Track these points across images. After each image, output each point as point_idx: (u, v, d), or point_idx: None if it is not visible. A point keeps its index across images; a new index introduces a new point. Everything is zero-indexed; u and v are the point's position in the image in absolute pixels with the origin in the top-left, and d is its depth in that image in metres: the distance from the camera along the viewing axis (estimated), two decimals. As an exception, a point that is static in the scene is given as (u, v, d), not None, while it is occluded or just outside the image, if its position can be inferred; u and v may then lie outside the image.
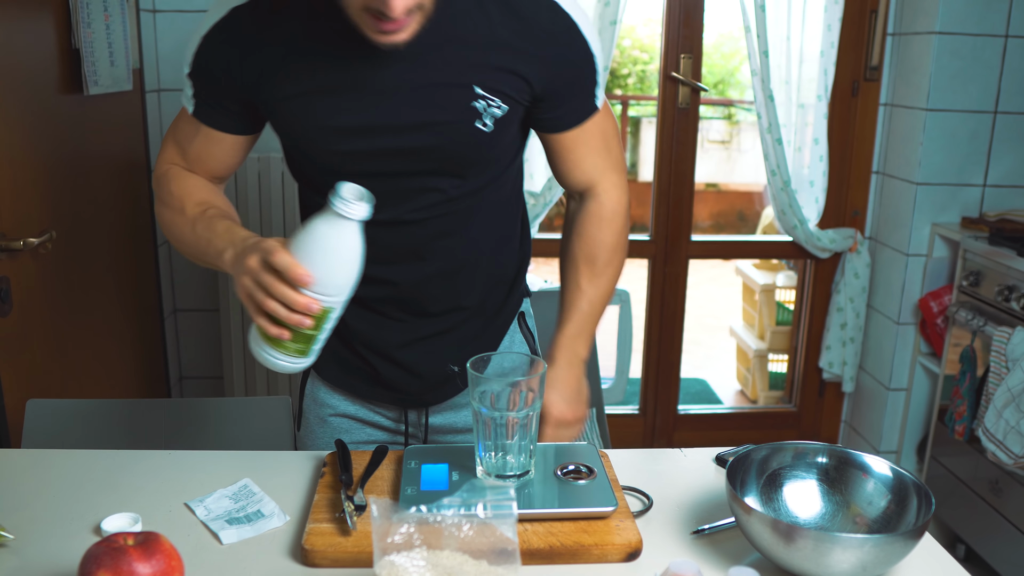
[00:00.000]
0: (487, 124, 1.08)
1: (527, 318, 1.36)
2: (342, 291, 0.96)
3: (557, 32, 1.08)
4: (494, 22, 1.05)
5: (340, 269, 0.95)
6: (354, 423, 1.29)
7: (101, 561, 0.78)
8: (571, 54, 1.09)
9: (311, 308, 0.94)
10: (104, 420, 1.46)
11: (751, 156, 6.46)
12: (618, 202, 1.23)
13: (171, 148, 1.21)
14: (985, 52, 2.48)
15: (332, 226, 0.93)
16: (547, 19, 1.07)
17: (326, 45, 1.05)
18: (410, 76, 1.05)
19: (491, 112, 1.08)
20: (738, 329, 3.92)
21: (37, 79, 1.77)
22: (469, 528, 0.81)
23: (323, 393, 1.29)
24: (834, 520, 0.99)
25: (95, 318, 2.04)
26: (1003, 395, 2.14)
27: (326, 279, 0.94)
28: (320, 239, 0.94)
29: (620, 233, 1.24)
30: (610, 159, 1.21)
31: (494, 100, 1.07)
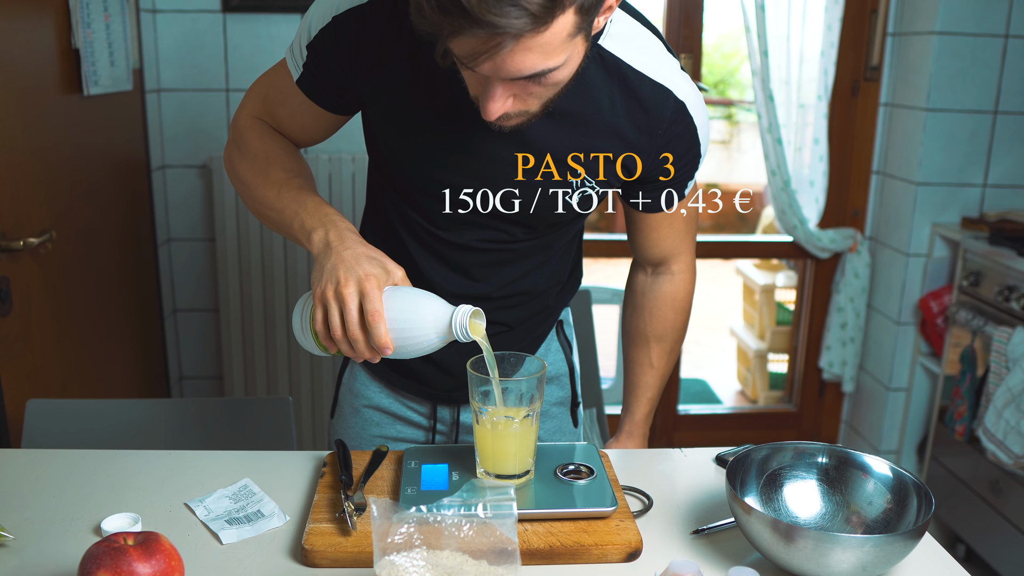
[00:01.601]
0: (574, 198, 1.09)
1: (566, 327, 1.35)
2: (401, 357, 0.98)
3: (677, 133, 1.08)
4: (616, 108, 1.04)
5: (415, 351, 0.97)
6: (385, 416, 1.29)
7: (101, 561, 0.78)
8: (683, 153, 1.10)
9: (372, 360, 0.97)
10: (104, 420, 1.46)
11: (751, 156, 6.46)
12: (690, 285, 1.28)
13: (257, 101, 1.16)
14: (985, 52, 2.48)
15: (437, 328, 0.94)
16: (671, 119, 1.06)
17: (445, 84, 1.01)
18: (514, 140, 1.03)
19: (582, 191, 1.09)
20: (738, 329, 3.92)
21: (37, 79, 1.77)
22: (469, 528, 0.81)
23: (359, 384, 1.30)
24: (834, 520, 0.99)
25: (95, 318, 2.04)
26: (1003, 395, 2.14)
27: (399, 352, 0.96)
28: (418, 328, 0.94)
29: (687, 316, 1.31)
30: (688, 241, 1.24)
31: (590, 181, 1.08)
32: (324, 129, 1.17)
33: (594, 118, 1.04)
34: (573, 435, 1.34)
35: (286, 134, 1.17)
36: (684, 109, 1.06)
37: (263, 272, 2.53)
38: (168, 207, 2.57)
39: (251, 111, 1.17)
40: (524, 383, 0.99)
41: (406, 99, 1.04)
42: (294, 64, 1.10)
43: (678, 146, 1.09)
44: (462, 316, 0.93)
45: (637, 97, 1.04)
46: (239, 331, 2.58)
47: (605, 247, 3.07)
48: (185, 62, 2.47)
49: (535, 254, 1.18)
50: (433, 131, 1.04)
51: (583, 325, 2.06)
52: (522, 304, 1.21)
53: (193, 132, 2.52)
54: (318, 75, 1.08)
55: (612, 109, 1.04)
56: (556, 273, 1.24)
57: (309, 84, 1.10)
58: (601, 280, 5.66)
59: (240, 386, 2.62)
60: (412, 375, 1.25)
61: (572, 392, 1.34)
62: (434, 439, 1.30)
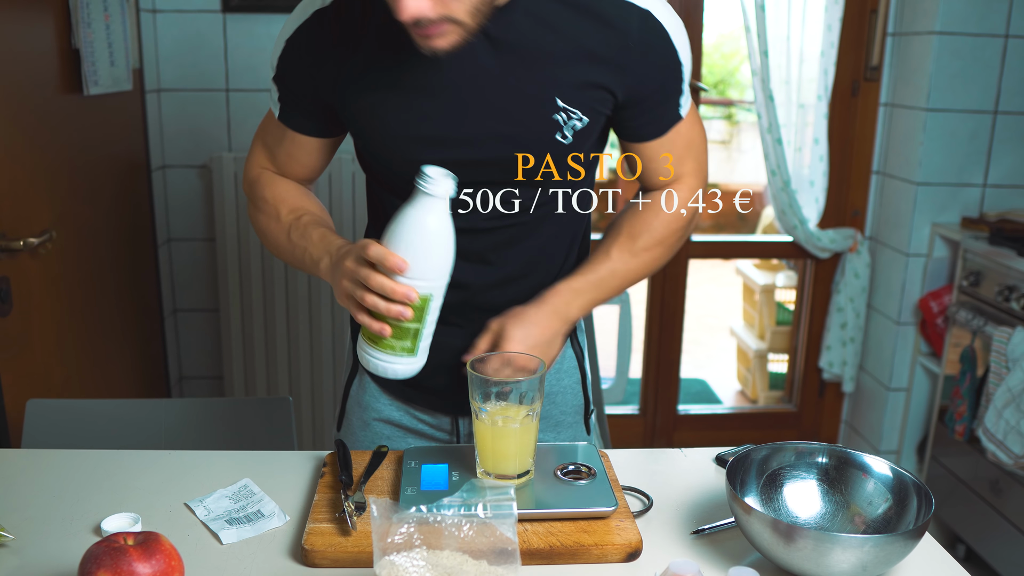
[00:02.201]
0: (567, 136, 1.06)
1: (577, 331, 1.31)
2: (440, 275, 0.96)
3: (647, 42, 1.04)
4: (581, 31, 1.02)
5: (434, 250, 0.95)
6: (396, 430, 1.26)
7: (101, 561, 0.78)
8: (659, 64, 1.07)
9: (410, 296, 0.95)
10: (104, 420, 1.46)
11: (751, 156, 6.46)
12: (683, 201, 1.18)
13: (260, 152, 1.22)
14: (985, 52, 2.48)
15: (421, 208, 0.94)
16: (638, 28, 1.03)
17: (403, 53, 1.03)
18: (490, 87, 1.03)
19: (572, 124, 1.06)
20: (738, 329, 3.92)
21: (37, 79, 1.77)
22: (469, 528, 0.81)
23: (369, 396, 1.26)
24: (834, 520, 0.99)
25: (95, 318, 2.04)
26: (1003, 395, 2.14)
27: (422, 263, 0.94)
28: (410, 223, 0.94)
29: (672, 228, 1.18)
30: (691, 165, 1.18)
31: (575, 112, 1.05)
32: (320, 157, 1.21)
33: (557, 46, 1.02)
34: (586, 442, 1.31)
35: (289, 174, 1.21)
36: (650, 16, 1.04)
37: (263, 272, 2.53)
38: (168, 207, 2.57)
39: (257, 163, 1.23)
40: (524, 383, 0.99)
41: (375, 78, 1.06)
42: (273, 103, 1.16)
43: (654, 57, 1.05)
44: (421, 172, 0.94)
45: (598, 15, 1.02)
46: (239, 331, 2.58)
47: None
48: (185, 62, 2.47)
49: (545, 224, 1.15)
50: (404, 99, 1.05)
51: (583, 325, 2.06)
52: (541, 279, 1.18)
53: (193, 132, 2.52)
54: (294, 104, 1.14)
55: (576, 35, 1.02)
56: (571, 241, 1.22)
57: (289, 115, 1.15)
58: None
59: (240, 386, 2.62)
60: (432, 390, 1.22)
61: (585, 399, 1.30)
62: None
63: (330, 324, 2.56)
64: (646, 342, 2.97)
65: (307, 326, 2.56)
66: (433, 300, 0.98)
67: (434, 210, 0.94)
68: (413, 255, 0.94)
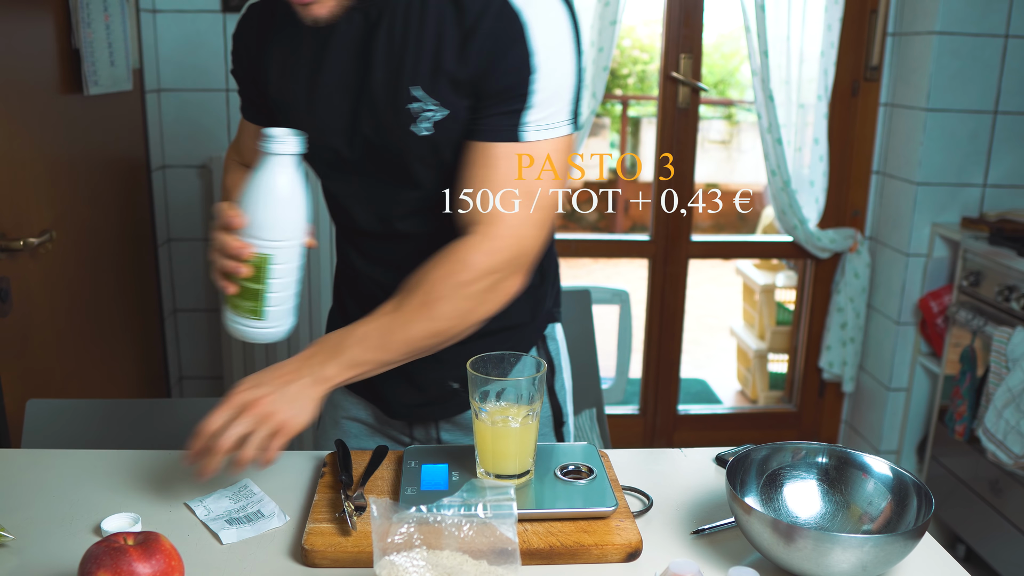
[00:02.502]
0: (424, 128, 1.00)
1: (550, 342, 1.26)
2: (278, 235, 0.97)
3: (499, 35, 0.94)
4: (442, 20, 0.96)
5: (272, 209, 0.96)
6: (364, 428, 1.27)
7: (101, 561, 0.78)
8: (505, 60, 0.95)
9: (242, 251, 0.96)
10: (104, 420, 1.46)
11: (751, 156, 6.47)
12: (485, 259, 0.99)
13: (232, 144, 1.28)
14: (985, 52, 2.48)
15: (261, 167, 0.96)
16: (492, 19, 0.94)
17: (287, 46, 1.07)
18: (354, 77, 1.03)
19: (428, 115, 0.99)
20: (738, 329, 3.92)
21: (37, 79, 1.77)
22: (469, 528, 0.81)
23: (338, 395, 1.28)
24: (834, 520, 0.99)
25: (95, 318, 2.04)
26: (1003, 395, 2.14)
27: (259, 221, 0.96)
28: (251, 181, 0.96)
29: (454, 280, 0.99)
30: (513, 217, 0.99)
31: (431, 103, 0.98)
32: None
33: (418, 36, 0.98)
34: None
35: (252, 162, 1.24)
36: (506, 6, 0.94)
37: (263, 272, 2.53)
38: (168, 207, 2.57)
39: (228, 152, 1.28)
40: (524, 383, 0.99)
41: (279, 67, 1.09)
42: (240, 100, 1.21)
43: (500, 51, 0.94)
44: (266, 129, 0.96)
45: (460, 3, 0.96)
46: (239, 331, 2.58)
47: (605, 247, 3.07)
48: (185, 62, 2.47)
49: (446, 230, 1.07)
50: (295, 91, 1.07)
51: (583, 325, 2.06)
52: None
53: (193, 132, 2.52)
54: (246, 96, 1.18)
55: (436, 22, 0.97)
56: None
57: (244, 108, 1.20)
58: (601, 280, 5.66)
59: (240, 386, 2.62)
60: (382, 396, 1.22)
61: (554, 409, 1.27)
62: None
63: (330, 324, 2.56)
64: (646, 342, 2.97)
65: (307, 326, 2.57)
66: (274, 261, 0.98)
67: (272, 169, 0.96)
68: (252, 213, 0.96)
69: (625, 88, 6.40)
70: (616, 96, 6.14)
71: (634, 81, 6.47)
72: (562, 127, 1.00)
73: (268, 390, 0.96)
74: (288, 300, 1.03)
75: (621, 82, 6.34)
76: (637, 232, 2.83)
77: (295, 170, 0.97)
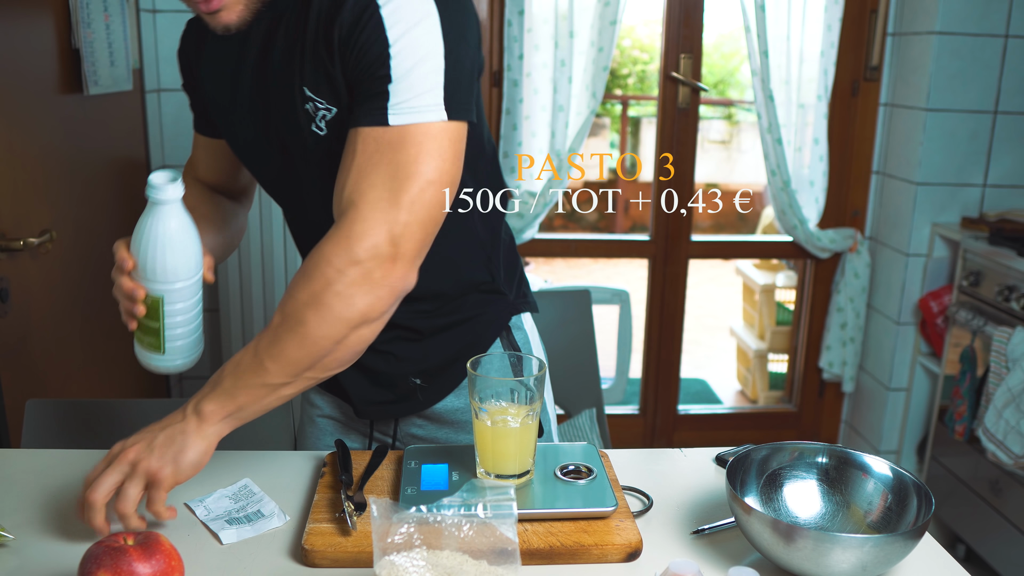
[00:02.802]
0: (321, 128, 0.99)
1: (515, 332, 1.23)
2: (170, 276, 1.00)
3: (355, 20, 0.92)
4: (321, 16, 0.96)
5: (159, 254, 0.99)
6: (339, 426, 1.29)
7: (101, 561, 0.78)
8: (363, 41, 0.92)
9: (135, 293, 0.99)
10: (104, 420, 1.46)
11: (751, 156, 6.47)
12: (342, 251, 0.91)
13: (189, 158, 1.29)
14: (985, 52, 2.48)
15: (148, 213, 0.99)
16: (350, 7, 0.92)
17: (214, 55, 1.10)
18: (262, 84, 1.04)
19: (321, 114, 0.98)
20: (738, 329, 3.92)
21: (37, 79, 1.77)
22: (469, 528, 0.81)
23: (312, 394, 1.30)
24: (834, 520, 0.99)
25: (95, 318, 2.04)
26: (1003, 395, 2.14)
27: (147, 264, 0.99)
28: (140, 227, 0.99)
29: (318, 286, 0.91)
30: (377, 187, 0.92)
31: (320, 101, 0.98)
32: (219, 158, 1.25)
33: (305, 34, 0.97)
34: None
35: (208, 177, 1.27)
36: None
37: (263, 272, 2.54)
38: (168, 207, 2.57)
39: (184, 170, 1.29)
40: (524, 383, 0.99)
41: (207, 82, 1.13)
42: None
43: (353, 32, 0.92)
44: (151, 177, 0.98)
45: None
46: (239, 331, 2.58)
47: (605, 247, 3.07)
48: (185, 62, 2.47)
49: None
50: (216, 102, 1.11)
51: (583, 325, 2.06)
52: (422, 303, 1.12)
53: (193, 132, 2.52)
54: (195, 108, 1.21)
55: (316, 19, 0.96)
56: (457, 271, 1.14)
57: (197, 122, 1.23)
58: (601, 280, 5.66)
59: (240, 386, 2.62)
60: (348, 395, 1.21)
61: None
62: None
63: (330, 324, 2.56)
64: (646, 342, 2.97)
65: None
66: (167, 301, 1.02)
67: (158, 216, 0.99)
68: (141, 257, 0.99)
69: (625, 88, 6.40)
70: (616, 96, 6.15)
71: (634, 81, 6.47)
72: (434, 111, 0.93)
73: (137, 439, 0.92)
74: (188, 335, 1.06)
75: (621, 82, 6.34)
76: (637, 232, 2.83)
77: (181, 214, 1.00)
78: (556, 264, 5.78)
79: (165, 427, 0.94)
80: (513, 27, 2.53)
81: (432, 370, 1.19)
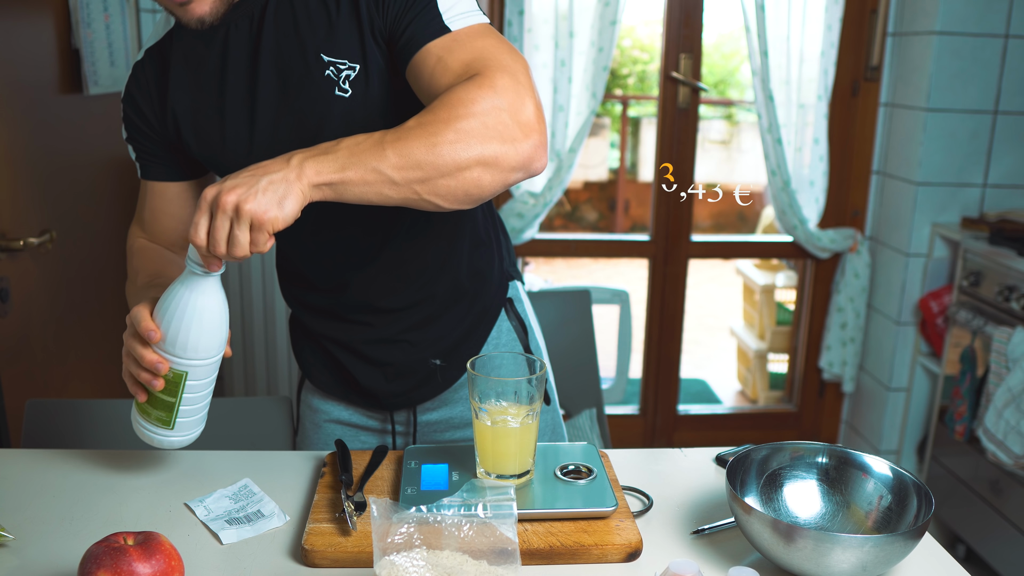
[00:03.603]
0: (346, 90, 1.01)
1: (516, 304, 1.28)
2: (201, 353, 0.95)
3: None
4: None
5: (194, 329, 0.93)
6: (347, 429, 1.28)
7: (101, 561, 0.78)
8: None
9: (158, 367, 0.94)
10: (104, 420, 1.46)
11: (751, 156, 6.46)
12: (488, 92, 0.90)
13: (134, 222, 1.22)
14: (985, 52, 2.48)
15: (185, 283, 0.93)
16: None
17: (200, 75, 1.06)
18: (268, 71, 1.03)
19: (344, 74, 1.00)
20: (738, 329, 3.92)
21: (37, 79, 1.77)
22: (469, 528, 0.81)
23: (316, 400, 1.29)
24: (834, 520, 0.99)
25: (95, 318, 2.04)
26: (1003, 395, 2.14)
27: (181, 339, 0.93)
28: (173, 296, 0.93)
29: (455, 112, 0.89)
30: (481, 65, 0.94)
31: (342, 62, 1.00)
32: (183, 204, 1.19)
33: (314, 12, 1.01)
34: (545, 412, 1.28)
35: (163, 234, 1.20)
36: None
37: (263, 272, 2.54)
38: (168, 207, 2.57)
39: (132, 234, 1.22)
40: (524, 383, 0.99)
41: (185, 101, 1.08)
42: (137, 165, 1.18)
43: None
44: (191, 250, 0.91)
45: None
46: (239, 331, 2.58)
47: (605, 247, 3.07)
48: (185, 62, 2.46)
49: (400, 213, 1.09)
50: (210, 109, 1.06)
51: (583, 325, 2.06)
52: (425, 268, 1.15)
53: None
54: (149, 155, 1.15)
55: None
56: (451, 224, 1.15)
57: (147, 167, 1.16)
58: (601, 280, 5.67)
59: (240, 386, 2.62)
60: (360, 389, 1.23)
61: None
62: (395, 443, 1.28)
63: (330, 324, 2.56)
64: (646, 342, 2.97)
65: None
66: (191, 377, 0.96)
67: (199, 288, 0.93)
68: (173, 330, 0.93)
69: (625, 88, 6.40)
70: (616, 96, 6.14)
71: (634, 81, 6.47)
72: (478, 14, 0.99)
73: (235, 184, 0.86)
74: (200, 411, 1.02)
75: (621, 82, 6.34)
76: (637, 232, 2.83)
77: (220, 289, 0.95)
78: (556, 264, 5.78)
79: (267, 173, 0.86)
80: (513, 27, 2.53)
81: (449, 348, 1.20)
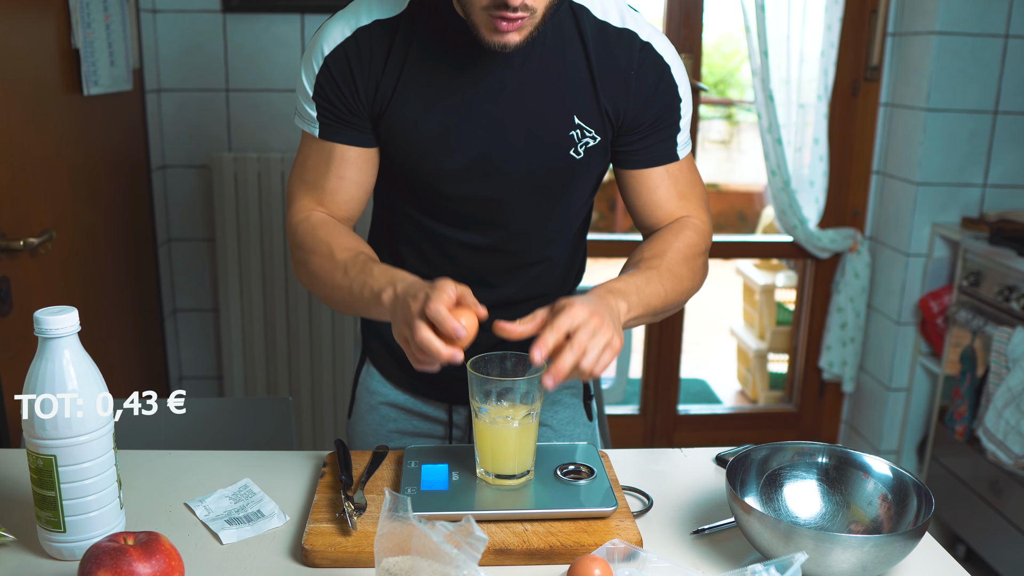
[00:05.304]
0: (579, 152, 1.12)
1: None
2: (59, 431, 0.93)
3: (646, 72, 1.11)
4: (591, 56, 1.09)
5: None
6: (402, 412, 1.31)
7: (101, 561, 0.78)
8: (657, 94, 1.13)
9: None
10: (104, 420, 1.46)
11: (751, 156, 6.46)
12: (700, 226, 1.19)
13: (303, 195, 1.17)
14: (985, 52, 2.48)
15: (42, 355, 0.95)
16: (639, 59, 1.11)
17: (439, 69, 1.08)
18: (510, 104, 1.09)
19: (585, 142, 1.12)
20: (738, 329, 3.92)
21: (37, 79, 1.77)
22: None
23: (376, 382, 1.32)
24: (834, 520, 0.99)
25: (95, 318, 2.04)
26: (1003, 395, 2.14)
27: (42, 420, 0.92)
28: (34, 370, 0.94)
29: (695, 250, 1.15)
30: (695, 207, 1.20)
31: (589, 131, 1.11)
32: (372, 172, 1.17)
33: (572, 68, 1.09)
34: (588, 428, 1.33)
35: (341, 202, 1.17)
36: (651, 48, 1.11)
37: (263, 272, 2.53)
38: (168, 207, 2.57)
39: (300, 207, 1.17)
40: (524, 383, 0.99)
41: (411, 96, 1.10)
42: (308, 123, 1.14)
43: (652, 87, 1.12)
44: None
45: (604, 43, 1.10)
46: (239, 331, 2.58)
47: (605, 247, 3.08)
48: (185, 62, 2.47)
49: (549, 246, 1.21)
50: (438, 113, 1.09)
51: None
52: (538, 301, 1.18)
53: (193, 132, 2.52)
54: (336, 118, 1.12)
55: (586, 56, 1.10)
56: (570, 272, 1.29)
57: (331, 130, 1.13)
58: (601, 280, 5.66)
59: (240, 386, 2.62)
60: (426, 379, 1.25)
61: (584, 383, 1.33)
62: (451, 438, 1.30)
63: (329, 324, 2.56)
64: (646, 342, 2.97)
65: (307, 326, 2.56)
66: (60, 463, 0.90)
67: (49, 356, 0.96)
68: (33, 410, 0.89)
69: (625, 88, 6.39)
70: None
71: (634, 81, 6.45)
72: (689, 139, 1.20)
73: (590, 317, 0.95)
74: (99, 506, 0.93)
75: (621, 82, 6.33)
76: (637, 232, 2.82)
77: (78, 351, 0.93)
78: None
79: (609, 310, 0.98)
80: (513, 27, 2.53)
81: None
